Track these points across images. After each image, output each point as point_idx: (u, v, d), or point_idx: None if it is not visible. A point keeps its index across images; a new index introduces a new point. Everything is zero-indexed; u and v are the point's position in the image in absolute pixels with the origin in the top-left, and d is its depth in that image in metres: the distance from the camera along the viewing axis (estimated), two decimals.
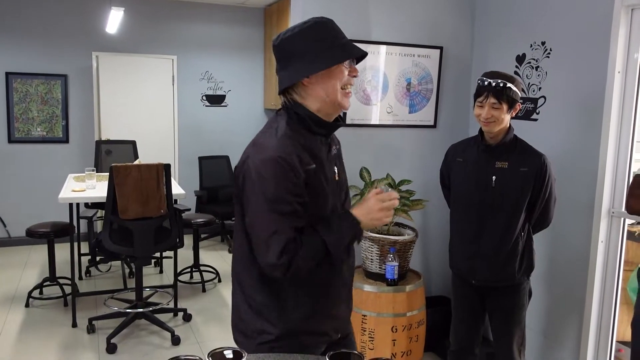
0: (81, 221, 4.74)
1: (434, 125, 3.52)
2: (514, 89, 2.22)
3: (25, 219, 5.31)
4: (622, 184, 2.67)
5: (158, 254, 5.04)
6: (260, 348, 1.50)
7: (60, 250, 4.70)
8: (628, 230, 2.78)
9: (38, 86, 5.82)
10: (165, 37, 6.18)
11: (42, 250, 5.20)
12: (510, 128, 2.32)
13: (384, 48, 3.28)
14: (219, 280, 4.92)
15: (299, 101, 1.48)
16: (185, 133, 6.38)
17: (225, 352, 1.19)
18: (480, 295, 2.48)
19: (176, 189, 4.03)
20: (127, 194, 3.47)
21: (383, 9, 3.26)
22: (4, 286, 4.64)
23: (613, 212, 2.71)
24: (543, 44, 3.02)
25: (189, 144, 6.39)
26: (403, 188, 3.19)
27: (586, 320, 2.80)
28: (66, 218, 4.04)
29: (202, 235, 6.11)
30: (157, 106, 6.20)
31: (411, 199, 3.16)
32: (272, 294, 1.50)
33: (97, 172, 4.51)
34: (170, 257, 4.77)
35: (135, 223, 3.54)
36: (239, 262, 1.57)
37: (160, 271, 5.13)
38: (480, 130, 2.36)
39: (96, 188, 4.05)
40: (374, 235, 3.03)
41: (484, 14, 3.47)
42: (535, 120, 3.07)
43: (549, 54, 2.99)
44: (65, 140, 6.00)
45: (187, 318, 4.04)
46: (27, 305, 4.20)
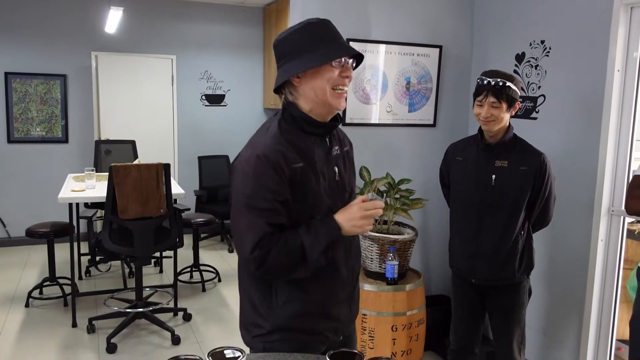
0: (81, 221, 4.74)
1: (434, 124, 3.52)
2: (514, 87, 2.22)
3: (25, 219, 5.32)
4: (622, 183, 2.67)
5: (158, 254, 5.04)
6: (255, 341, 1.56)
7: (60, 250, 4.70)
8: (628, 229, 2.79)
9: (37, 86, 5.82)
10: (164, 37, 6.18)
11: (42, 250, 5.20)
12: (509, 127, 2.32)
13: (383, 47, 3.28)
14: (219, 280, 4.92)
15: (292, 101, 1.51)
16: (184, 133, 6.38)
17: (225, 352, 1.19)
18: (480, 294, 2.48)
19: (176, 189, 4.03)
20: (127, 194, 3.47)
21: (382, 8, 3.26)
22: (4, 286, 4.63)
23: (613, 211, 2.71)
24: (542, 42, 3.02)
25: (189, 144, 6.39)
26: (403, 187, 3.19)
27: (586, 318, 2.80)
28: (66, 218, 4.03)
29: (202, 235, 6.11)
30: (157, 106, 6.20)
31: (411, 198, 3.16)
32: (265, 290, 1.53)
33: (97, 172, 4.50)
34: (170, 257, 4.77)
35: (135, 223, 3.54)
36: (240, 258, 1.61)
37: (160, 271, 5.12)
38: (479, 129, 2.36)
39: (96, 188, 4.05)
40: (374, 234, 3.03)
41: (483, 12, 3.47)
42: (535, 119, 3.07)
43: (549, 52, 2.98)
44: (64, 140, 6.00)
45: (187, 318, 4.04)
46: (27, 305, 4.20)
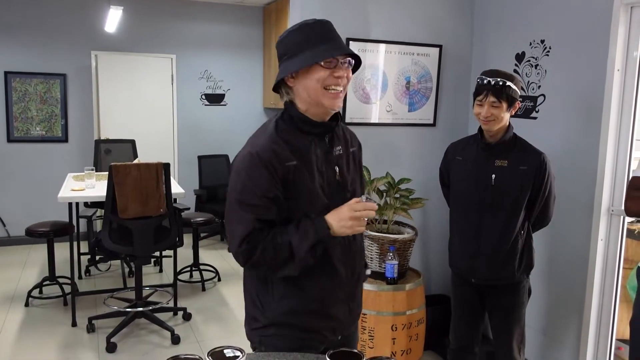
0: (81, 220, 4.74)
1: (434, 124, 3.51)
2: (514, 87, 2.22)
3: (25, 218, 5.32)
4: (622, 182, 2.67)
5: (158, 253, 5.04)
6: (253, 334, 1.61)
7: (60, 250, 4.70)
8: (628, 228, 2.78)
9: (37, 85, 5.82)
10: (164, 36, 6.17)
11: (42, 250, 5.20)
12: (509, 126, 2.32)
13: (383, 46, 3.28)
14: (219, 279, 4.92)
15: (291, 100, 1.54)
16: (184, 132, 6.38)
17: (225, 351, 1.19)
18: (480, 294, 2.48)
19: (175, 188, 4.03)
20: (127, 193, 3.47)
21: (382, 7, 3.26)
22: (4, 286, 4.63)
23: (612, 210, 2.71)
24: (542, 42, 3.02)
25: (189, 143, 6.39)
26: (402, 186, 3.19)
27: (586, 318, 2.80)
28: (65, 217, 4.04)
29: (202, 234, 6.11)
30: (157, 105, 6.20)
31: (411, 197, 3.16)
32: (263, 284, 1.57)
33: (97, 172, 4.50)
34: (169, 256, 4.77)
35: (134, 222, 3.54)
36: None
37: (160, 270, 5.12)
38: (479, 129, 2.36)
39: (95, 187, 4.05)
40: (374, 234, 3.03)
41: (483, 12, 3.46)
42: (535, 118, 3.07)
43: (549, 52, 2.98)
44: (64, 139, 5.99)
45: (187, 317, 4.04)
46: (27, 304, 4.20)
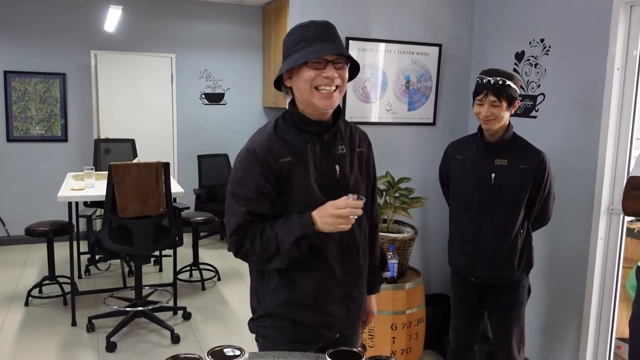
0: (80, 220, 4.74)
1: (433, 123, 3.51)
2: (513, 86, 2.22)
3: (25, 217, 5.31)
4: (622, 181, 2.67)
5: (157, 253, 5.04)
6: (252, 324, 1.68)
7: (60, 249, 4.69)
8: (627, 227, 2.79)
9: (36, 85, 5.81)
10: (163, 35, 6.17)
11: (42, 249, 5.19)
12: (509, 125, 2.32)
13: (382, 46, 3.28)
14: (219, 279, 4.92)
15: (292, 100, 1.57)
16: (184, 131, 6.38)
17: (224, 350, 1.19)
18: (480, 293, 2.48)
19: (175, 188, 4.03)
20: (126, 193, 3.47)
21: (382, 6, 3.25)
22: (4, 285, 4.63)
23: (612, 209, 2.71)
24: (542, 41, 3.02)
25: (188, 143, 6.38)
26: (402, 186, 3.19)
27: (585, 317, 2.81)
28: (65, 217, 4.03)
29: (202, 234, 6.11)
30: (156, 104, 6.19)
31: (410, 196, 3.16)
32: (260, 277, 1.62)
33: (96, 171, 4.50)
34: (169, 256, 4.77)
35: (134, 222, 3.54)
36: None
37: (160, 270, 5.12)
38: (479, 128, 2.36)
39: (95, 187, 4.04)
40: None
41: (482, 11, 3.46)
42: (535, 117, 3.07)
43: (548, 51, 2.98)
44: (64, 139, 5.99)
45: (187, 316, 4.04)
46: (27, 304, 4.20)
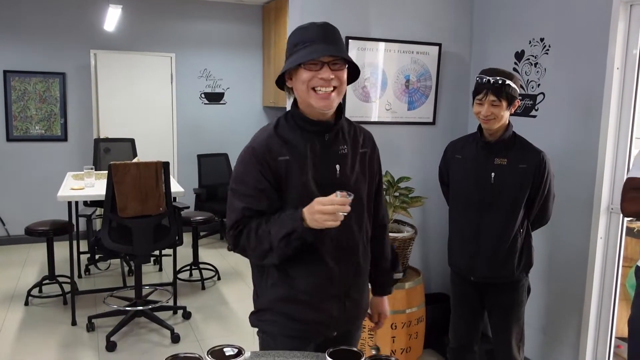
0: (80, 219, 4.74)
1: (433, 122, 3.51)
2: (513, 85, 2.22)
3: (24, 217, 5.31)
4: (621, 180, 2.67)
5: (157, 252, 5.04)
6: (252, 318, 1.70)
7: (60, 249, 4.69)
8: (627, 226, 2.79)
9: (36, 84, 5.81)
10: (163, 35, 6.17)
11: (41, 249, 5.19)
12: (509, 125, 2.32)
13: (382, 45, 3.28)
14: (219, 278, 4.92)
15: (295, 99, 1.59)
16: (184, 131, 6.38)
17: (224, 350, 1.19)
18: (479, 292, 2.48)
19: (175, 187, 4.03)
20: (126, 192, 3.47)
21: (381, 5, 3.25)
22: (4, 285, 4.63)
23: (612, 209, 2.71)
24: (542, 40, 3.02)
25: (188, 142, 6.38)
26: (402, 185, 3.19)
27: (585, 316, 2.81)
28: (65, 216, 4.03)
29: (201, 233, 6.11)
30: (156, 104, 6.19)
31: (410, 196, 3.16)
32: (261, 271, 1.65)
33: (96, 170, 4.50)
34: (169, 255, 4.76)
35: (134, 221, 3.54)
36: None
37: (160, 269, 5.13)
38: (479, 127, 2.36)
39: (95, 186, 4.04)
40: None
41: (482, 10, 3.46)
42: (534, 117, 3.07)
43: (548, 50, 2.98)
44: (63, 138, 5.99)
45: (187, 316, 4.04)
46: (27, 303, 4.20)
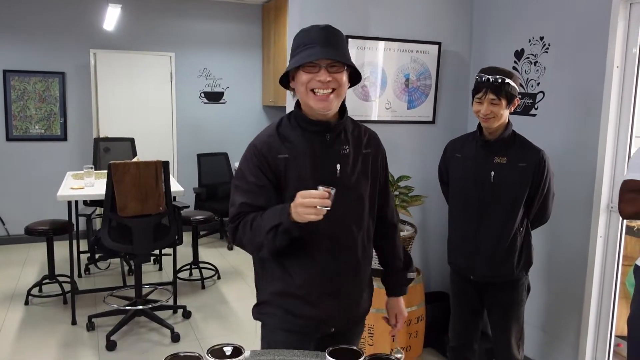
0: (80, 219, 4.74)
1: (433, 121, 3.51)
2: (513, 84, 2.22)
3: (24, 217, 5.30)
4: (621, 179, 2.66)
5: (157, 251, 5.04)
6: (254, 311, 1.73)
7: (59, 248, 4.69)
8: (627, 225, 2.79)
9: (36, 84, 5.81)
10: (163, 34, 6.17)
11: (41, 248, 5.19)
12: (508, 123, 2.32)
13: (382, 44, 3.28)
14: (218, 277, 4.92)
15: (298, 99, 1.63)
16: (183, 130, 6.38)
17: (224, 349, 1.19)
18: (479, 291, 2.48)
19: (175, 186, 4.03)
20: (126, 192, 3.47)
21: (381, 4, 3.25)
22: (4, 284, 4.63)
23: (612, 207, 2.71)
24: (541, 39, 3.02)
25: (188, 141, 6.38)
26: (402, 184, 3.19)
27: (585, 315, 2.81)
28: (65, 216, 4.03)
29: (201, 232, 6.10)
30: (156, 103, 6.19)
31: (410, 195, 3.16)
32: (261, 265, 1.68)
33: (96, 170, 4.50)
34: (169, 254, 4.77)
35: (134, 220, 3.54)
36: None
37: (160, 268, 5.13)
38: (478, 126, 2.36)
39: (95, 186, 4.04)
40: None
41: (482, 9, 3.46)
42: (534, 115, 3.06)
43: (548, 49, 2.98)
44: (63, 138, 5.99)
45: (187, 315, 4.04)
46: (27, 303, 4.20)
